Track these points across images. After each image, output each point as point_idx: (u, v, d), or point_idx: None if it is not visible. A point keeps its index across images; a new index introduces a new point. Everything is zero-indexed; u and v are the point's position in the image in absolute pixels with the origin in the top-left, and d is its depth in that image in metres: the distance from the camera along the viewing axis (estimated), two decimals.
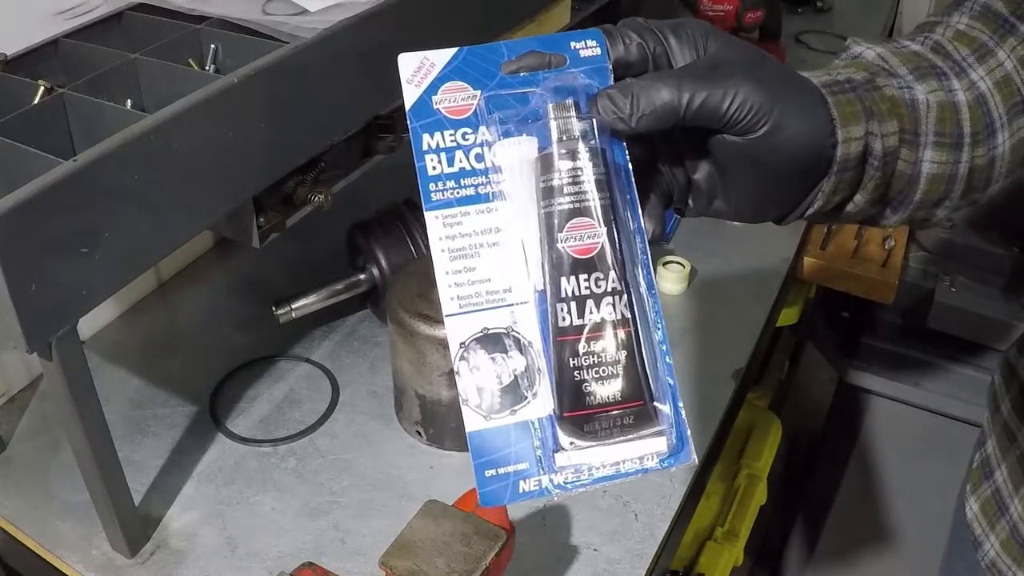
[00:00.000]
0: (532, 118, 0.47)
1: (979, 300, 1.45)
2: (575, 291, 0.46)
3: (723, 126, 0.47)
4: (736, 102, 0.46)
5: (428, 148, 0.46)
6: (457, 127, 0.46)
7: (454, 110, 0.46)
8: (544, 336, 0.47)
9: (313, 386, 1.02)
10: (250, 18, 0.82)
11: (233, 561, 0.82)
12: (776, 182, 0.50)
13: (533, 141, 0.47)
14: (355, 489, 0.90)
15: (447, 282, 0.46)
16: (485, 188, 0.47)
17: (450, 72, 0.46)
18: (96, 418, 0.73)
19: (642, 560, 0.83)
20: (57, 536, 0.84)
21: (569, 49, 0.48)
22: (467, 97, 0.47)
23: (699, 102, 0.46)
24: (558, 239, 0.46)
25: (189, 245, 1.00)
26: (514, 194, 0.47)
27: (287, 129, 0.80)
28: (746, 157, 0.48)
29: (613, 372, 0.46)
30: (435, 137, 0.46)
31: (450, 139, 0.46)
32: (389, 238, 1.03)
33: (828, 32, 1.93)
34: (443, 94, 0.46)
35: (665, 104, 0.46)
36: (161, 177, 0.70)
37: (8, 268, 0.60)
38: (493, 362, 0.46)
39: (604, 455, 0.46)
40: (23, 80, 0.76)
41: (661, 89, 0.46)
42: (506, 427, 0.46)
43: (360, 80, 0.87)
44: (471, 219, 0.46)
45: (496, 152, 0.47)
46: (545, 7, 1.14)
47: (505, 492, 0.46)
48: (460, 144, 0.46)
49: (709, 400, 1.00)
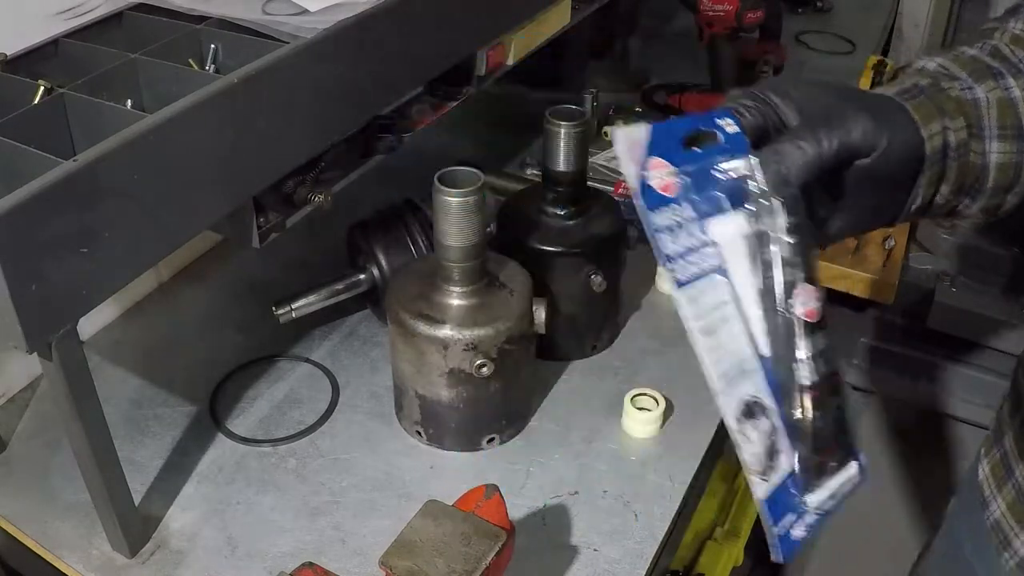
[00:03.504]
0: (732, 194, 0.51)
1: (979, 300, 1.45)
2: (809, 352, 0.51)
3: (852, 156, 0.53)
4: (859, 133, 0.52)
5: (658, 227, 0.48)
6: (671, 203, 0.49)
7: (664, 187, 0.48)
8: (777, 399, 0.51)
9: (313, 386, 1.02)
10: (250, 18, 0.82)
11: (233, 561, 0.82)
12: (890, 188, 0.57)
13: (739, 216, 0.51)
14: (355, 489, 0.90)
15: (711, 360, 0.49)
16: (710, 263, 0.49)
17: (653, 149, 0.48)
18: (96, 418, 0.73)
19: (642, 560, 0.83)
20: (57, 536, 0.84)
21: (716, 126, 0.53)
22: (669, 174, 0.49)
23: (836, 145, 0.52)
24: (787, 306, 0.50)
25: (189, 245, 1.00)
26: (733, 268, 0.50)
27: (287, 129, 0.80)
28: (867, 175, 0.54)
29: (834, 417, 0.52)
30: (662, 215, 0.48)
31: (672, 217, 0.48)
32: (389, 238, 1.03)
33: (828, 32, 1.93)
34: (652, 171, 0.48)
35: (810, 158, 0.52)
36: (161, 177, 0.70)
37: (8, 268, 0.60)
38: (756, 430, 0.50)
39: (830, 489, 0.53)
40: (23, 80, 0.76)
41: (802, 148, 0.52)
42: (777, 487, 0.51)
43: (360, 80, 0.87)
44: (707, 296, 0.49)
45: (709, 228, 0.50)
46: (545, 7, 1.13)
47: (790, 544, 0.51)
48: (681, 221, 0.49)
49: (709, 400, 1.00)
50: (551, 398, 1.01)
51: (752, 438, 0.50)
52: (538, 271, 0.96)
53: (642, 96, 1.62)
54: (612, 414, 0.98)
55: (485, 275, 0.90)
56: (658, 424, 0.96)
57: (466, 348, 0.86)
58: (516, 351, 0.90)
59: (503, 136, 1.49)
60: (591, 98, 1.44)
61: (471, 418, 0.92)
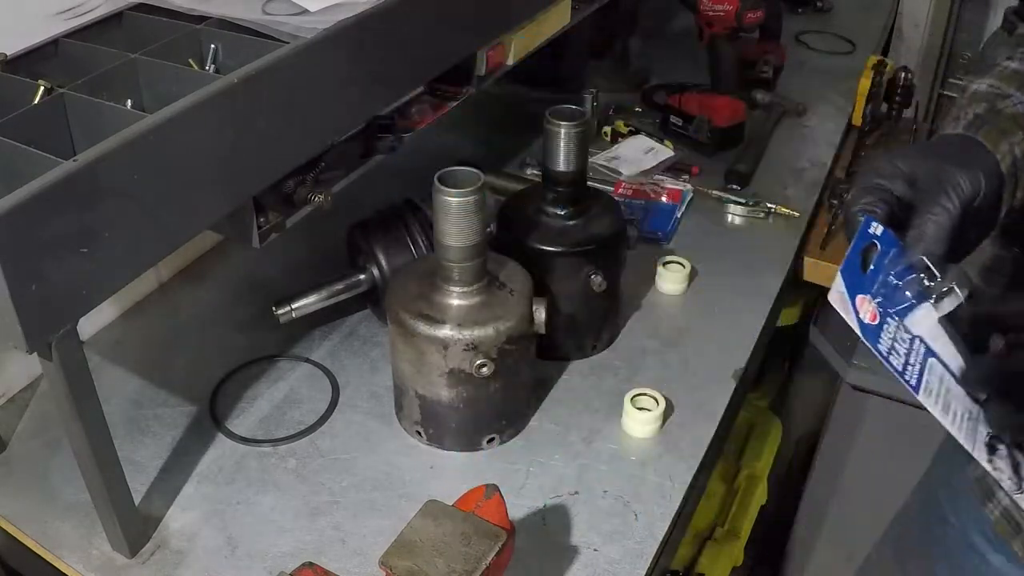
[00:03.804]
0: (911, 288, 0.62)
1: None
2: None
3: (969, 205, 0.61)
4: (967, 185, 0.60)
5: (884, 353, 0.60)
6: (882, 327, 0.60)
7: (871, 317, 0.60)
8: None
9: (313, 386, 1.02)
10: (250, 18, 0.82)
11: (233, 561, 0.82)
12: (988, 211, 0.64)
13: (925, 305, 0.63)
14: (355, 489, 0.90)
15: (954, 427, 0.61)
16: (923, 353, 0.62)
17: (850, 291, 0.59)
18: (96, 418, 0.73)
19: (642, 560, 0.83)
20: (57, 536, 0.84)
21: (870, 236, 0.61)
22: (870, 304, 0.60)
23: (958, 204, 0.60)
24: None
25: (189, 245, 1.00)
26: (938, 348, 0.63)
27: (287, 129, 0.80)
28: (975, 212, 0.63)
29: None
30: (883, 342, 0.60)
31: (887, 337, 0.60)
32: (389, 238, 1.03)
33: (828, 32, 1.93)
34: (860, 309, 0.59)
35: (946, 224, 0.60)
36: (161, 177, 0.70)
37: (8, 268, 0.60)
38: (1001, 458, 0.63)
39: None
40: (23, 80, 0.76)
41: (936, 220, 0.60)
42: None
43: (360, 80, 0.87)
44: (932, 381, 0.61)
45: (911, 327, 0.62)
46: (545, 7, 1.13)
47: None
48: (894, 337, 0.60)
49: (709, 400, 1.00)
50: (551, 398, 1.01)
51: (1001, 467, 0.62)
52: (538, 271, 0.96)
53: (642, 96, 1.62)
54: (612, 414, 0.98)
55: (485, 275, 0.90)
56: (658, 424, 0.96)
57: (466, 348, 0.86)
58: (516, 351, 0.90)
59: (503, 136, 1.50)
60: (591, 98, 1.44)
61: (471, 418, 0.92)
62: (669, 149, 1.43)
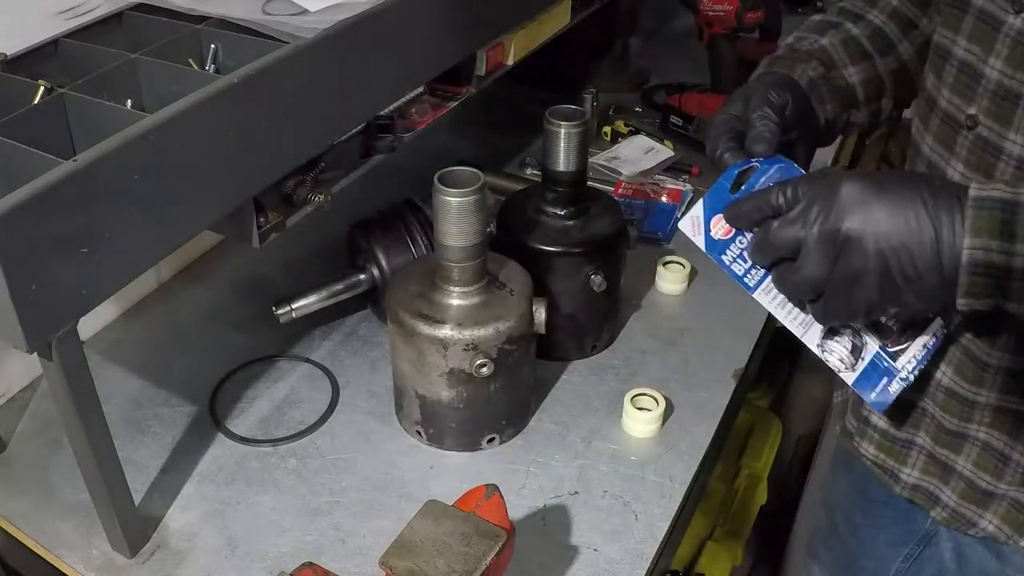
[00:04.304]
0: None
1: None
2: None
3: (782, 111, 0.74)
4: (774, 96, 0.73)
5: (729, 260, 0.68)
6: (734, 240, 0.67)
7: (723, 233, 0.68)
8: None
9: (313, 386, 1.02)
10: (250, 18, 0.82)
11: (233, 561, 0.82)
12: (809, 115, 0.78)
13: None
14: (355, 489, 0.90)
15: (788, 319, 0.68)
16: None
17: (708, 212, 0.68)
18: (96, 418, 0.73)
19: (642, 560, 0.83)
20: (57, 536, 0.84)
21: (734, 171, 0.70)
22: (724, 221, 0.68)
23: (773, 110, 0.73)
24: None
25: (189, 245, 1.00)
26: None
27: (287, 129, 0.80)
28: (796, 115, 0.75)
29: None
30: (728, 254, 0.68)
31: (736, 248, 0.68)
32: (389, 238, 1.03)
33: None
34: (714, 228, 0.68)
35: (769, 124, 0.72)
36: (161, 177, 0.70)
37: (8, 268, 0.60)
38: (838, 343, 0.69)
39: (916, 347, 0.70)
40: (23, 80, 0.76)
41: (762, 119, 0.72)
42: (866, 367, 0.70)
43: (360, 80, 0.87)
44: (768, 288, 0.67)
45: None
46: (545, 7, 1.14)
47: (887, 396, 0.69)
48: (741, 250, 0.67)
49: (709, 400, 1.00)
50: (551, 398, 1.01)
51: (834, 349, 0.69)
52: (538, 271, 0.96)
53: (642, 96, 1.62)
54: (612, 414, 0.98)
55: (485, 275, 0.90)
56: (658, 424, 0.96)
57: (466, 348, 0.86)
58: (516, 351, 0.90)
59: (503, 136, 1.50)
60: (591, 98, 1.44)
61: (471, 418, 0.92)
62: (669, 149, 1.43)
